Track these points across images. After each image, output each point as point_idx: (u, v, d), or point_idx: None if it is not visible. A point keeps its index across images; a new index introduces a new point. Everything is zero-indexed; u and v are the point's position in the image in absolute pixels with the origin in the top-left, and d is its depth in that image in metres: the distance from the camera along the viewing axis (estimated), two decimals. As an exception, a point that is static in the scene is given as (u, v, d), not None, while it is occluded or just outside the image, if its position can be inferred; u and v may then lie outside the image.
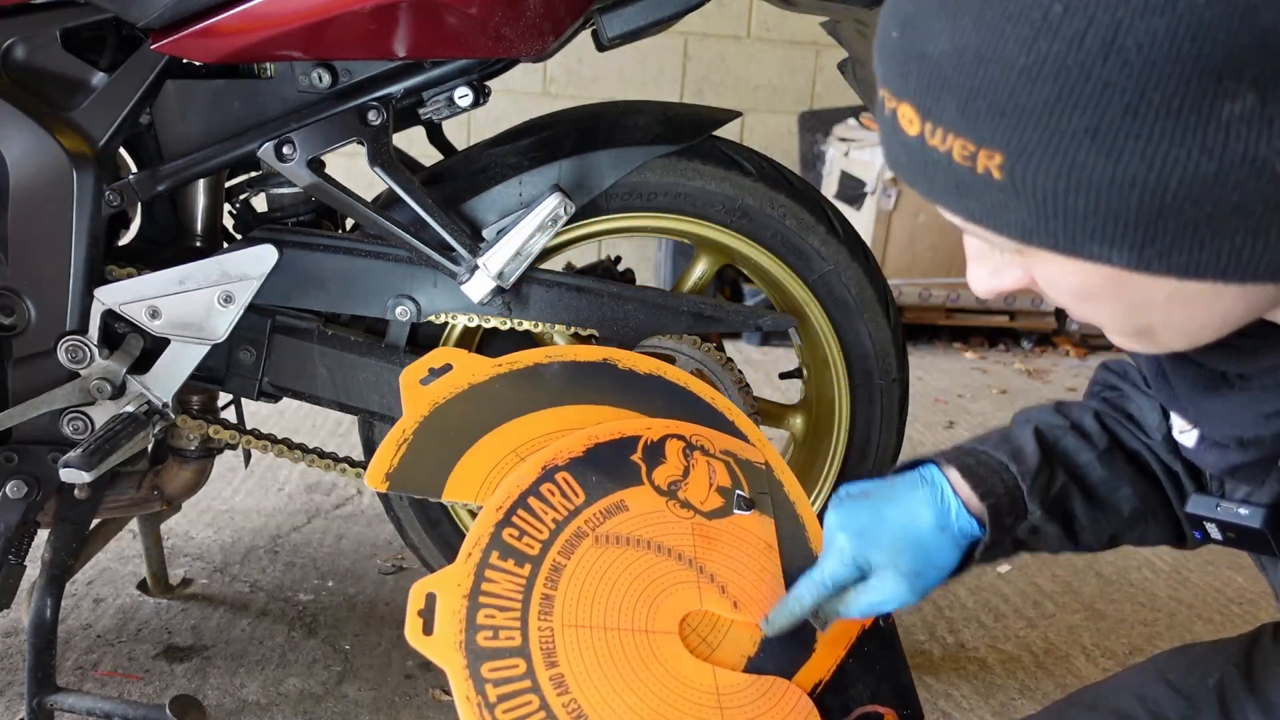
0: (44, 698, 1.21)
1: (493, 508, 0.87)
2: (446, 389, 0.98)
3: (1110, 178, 0.47)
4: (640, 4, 1.24)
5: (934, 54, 0.50)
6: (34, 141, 1.15)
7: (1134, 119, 0.45)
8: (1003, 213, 0.51)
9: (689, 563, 0.91)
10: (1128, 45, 0.44)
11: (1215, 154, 0.45)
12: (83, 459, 1.12)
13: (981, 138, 0.49)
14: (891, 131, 0.55)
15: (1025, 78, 0.46)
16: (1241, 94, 0.44)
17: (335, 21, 1.12)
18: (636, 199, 1.32)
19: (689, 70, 3.86)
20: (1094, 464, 0.89)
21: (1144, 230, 0.48)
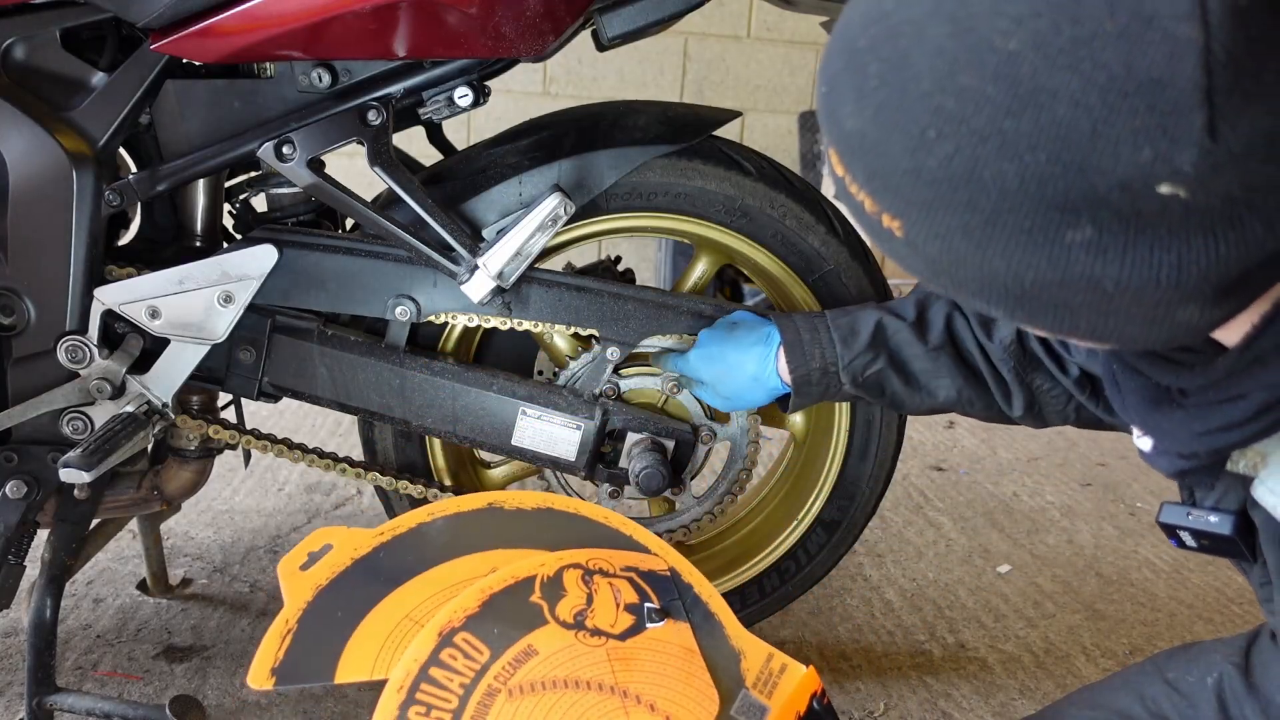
0: (44, 698, 1.21)
1: (394, 688, 0.84)
2: (329, 569, 0.95)
3: (979, 263, 0.55)
4: (640, 4, 1.24)
5: (845, 126, 0.57)
6: (34, 141, 1.15)
7: (993, 229, 0.53)
8: (908, 260, 0.60)
9: (611, 690, 0.90)
10: (985, 177, 0.51)
11: (1059, 267, 0.53)
12: (82, 459, 1.12)
13: (882, 205, 0.57)
14: (829, 164, 0.62)
15: (908, 177, 0.54)
16: (1081, 226, 0.51)
17: (335, 21, 1.11)
18: (636, 199, 1.32)
19: (689, 70, 3.86)
20: (920, 356, 1.08)
21: (1011, 304, 0.57)
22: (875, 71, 0.55)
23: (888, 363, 1.09)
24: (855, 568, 1.92)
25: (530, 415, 1.32)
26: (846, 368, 1.10)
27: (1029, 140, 0.49)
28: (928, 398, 1.10)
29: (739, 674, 0.96)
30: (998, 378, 1.06)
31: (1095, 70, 0.47)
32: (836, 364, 1.10)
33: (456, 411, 1.32)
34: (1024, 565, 1.97)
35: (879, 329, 1.10)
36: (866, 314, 1.12)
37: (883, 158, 0.55)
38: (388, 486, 1.38)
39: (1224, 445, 0.64)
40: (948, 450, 2.57)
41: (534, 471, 1.49)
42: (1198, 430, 0.65)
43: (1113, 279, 0.52)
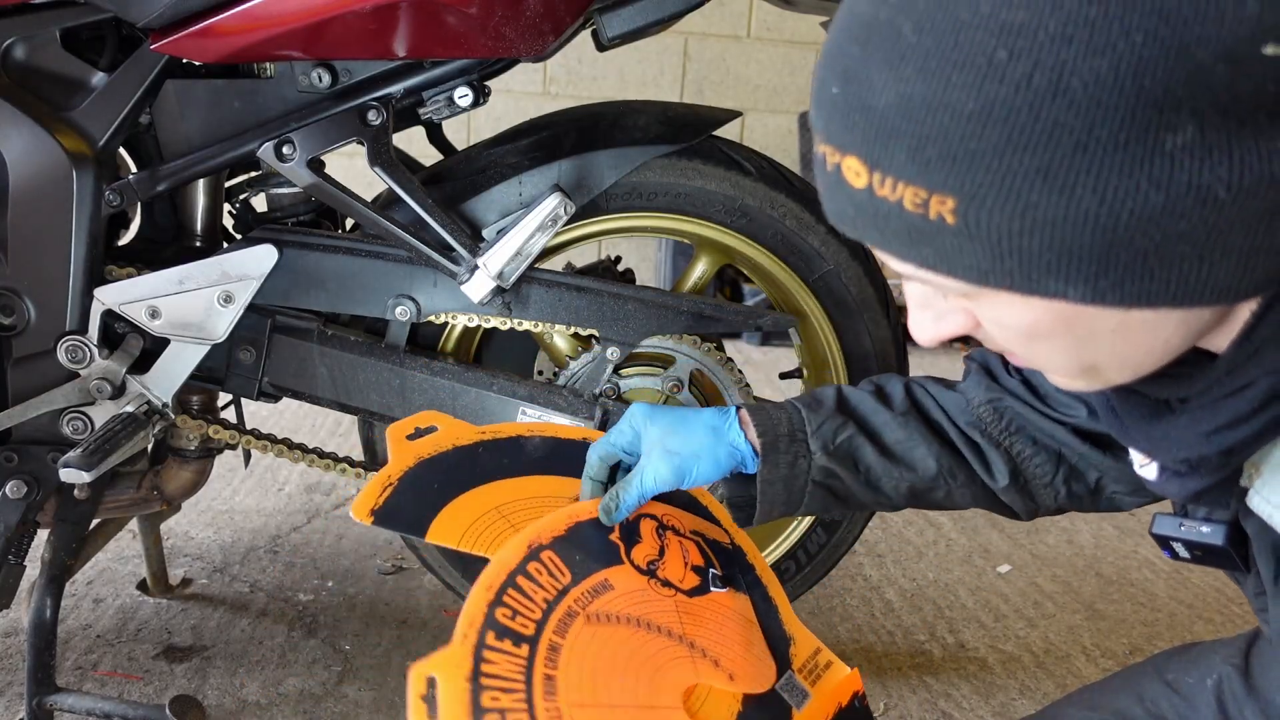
0: (44, 698, 1.21)
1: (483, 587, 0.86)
2: (432, 446, 0.98)
3: (1064, 215, 0.48)
4: (640, 4, 1.24)
5: (880, 105, 0.50)
6: (34, 141, 1.15)
7: (1084, 155, 0.47)
8: (957, 257, 0.52)
9: (679, 639, 0.91)
10: (1073, 85, 0.46)
11: (1162, 184, 0.47)
12: (82, 459, 1.12)
13: (933, 184, 0.50)
14: (835, 186, 0.55)
15: (974, 122, 0.48)
16: (1182, 126, 0.46)
17: (335, 21, 1.11)
18: (636, 199, 1.32)
19: (689, 70, 3.86)
20: (890, 424, 0.97)
21: (1098, 264, 0.50)
22: (911, 27, 0.49)
23: (858, 429, 0.97)
24: (855, 568, 1.92)
25: (530, 415, 1.32)
26: (816, 433, 0.96)
27: (1121, 23, 0.45)
28: (908, 472, 0.97)
29: (788, 657, 0.97)
30: (971, 445, 0.97)
31: None
32: (805, 430, 0.96)
33: (456, 411, 1.32)
34: (1024, 565, 1.97)
35: (841, 396, 1.00)
36: (823, 388, 1.02)
37: (938, 113, 0.48)
38: (388, 486, 1.38)
39: (1234, 442, 0.60)
40: (948, 450, 2.57)
41: (534, 471, 1.48)
42: (1205, 430, 0.60)
43: (1224, 182, 0.46)
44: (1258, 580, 0.72)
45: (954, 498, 0.99)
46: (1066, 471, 0.96)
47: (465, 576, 1.47)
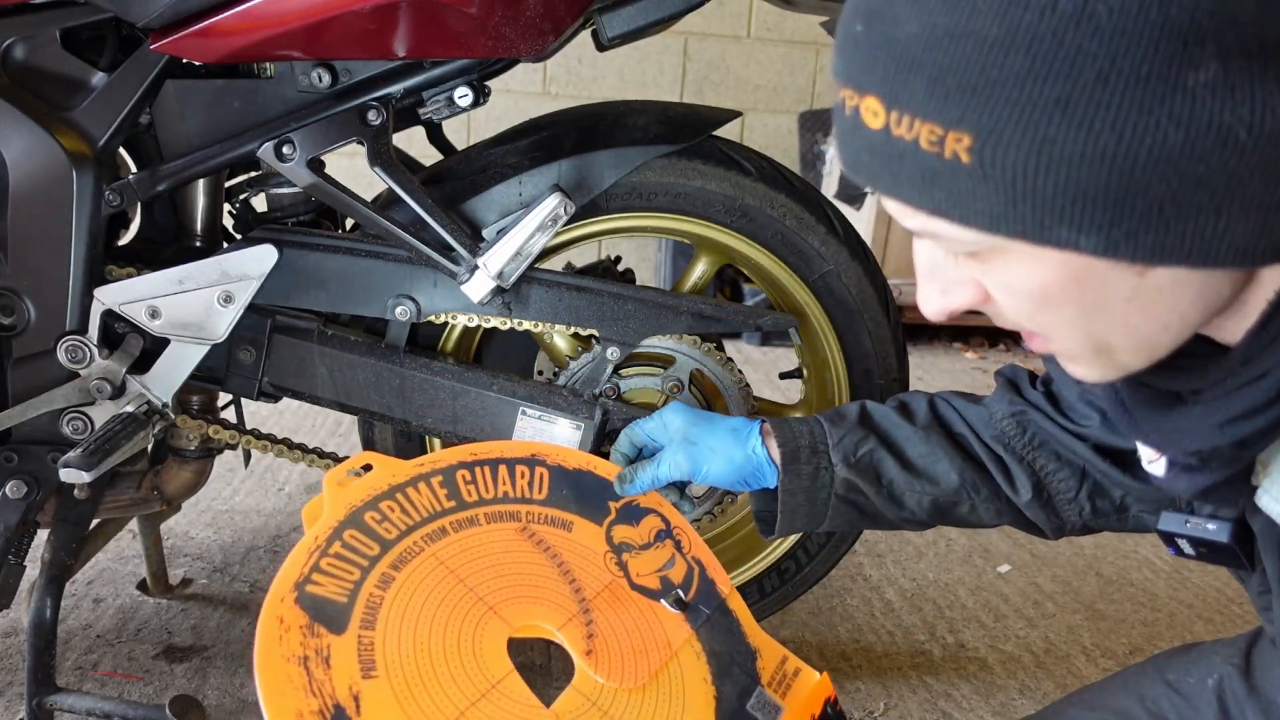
0: (44, 698, 1.21)
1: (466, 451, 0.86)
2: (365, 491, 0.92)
3: (1081, 152, 0.47)
4: (640, 4, 1.24)
5: (902, 38, 0.50)
6: (34, 141, 1.15)
7: (1104, 88, 0.46)
8: (969, 200, 0.51)
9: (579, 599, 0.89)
10: (1099, 11, 0.45)
11: (1183, 122, 0.46)
12: (82, 459, 1.12)
13: (949, 119, 0.49)
14: (853, 130, 0.55)
15: (998, 49, 0.47)
16: (1205, 62, 0.45)
17: (335, 21, 1.11)
18: (636, 199, 1.32)
19: (689, 70, 3.86)
20: (912, 438, 0.99)
21: (1112, 209, 0.48)
22: None
23: (879, 443, 0.99)
24: (855, 568, 1.92)
25: (530, 415, 1.32)
26: (837, 445, 0.98)
27: None
28: (930, 485, 0.98)
29: (755, 671, 0.95)
30: (995, 458, 0.98)
31: None
32: (826, 442, 0.99)
33: (456, 411, 1.32)
34: (1024, 565, 1.97)
35: (864, 411, 1.02)
36: (849, 404, 1.05)
37: (960, 41, 0.47)
38: (388, 486, 1.38)
39: (1248, 433, 0.58)
40: (948, 450, 2.57)
41: (534, 471, 1.49)
42: (1218, 421, 0.59)
43: (1245, 123, 0.46)
44: (1262, 578, 0.72)
45: (978, 513, 0.99)
46: (1090, 487, 0.95)
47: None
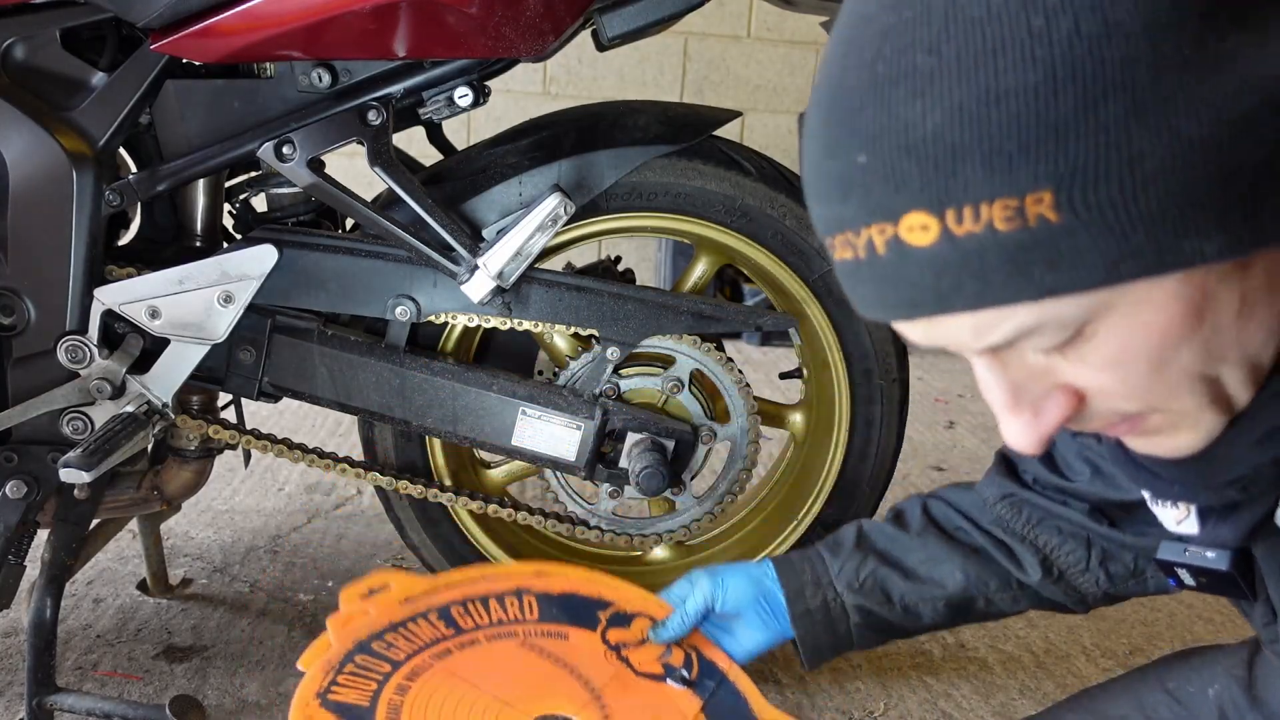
0: (44, 698, 1.21)
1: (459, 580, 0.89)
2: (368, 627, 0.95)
3: (1171, 153, 0.44)
4: (640, 4, 1.24)
5: (928, 134, 0.46)
6: (34, 141, 1.15)
7: (1163, 81, 0.44)
8: (1079, 259, 0.46)
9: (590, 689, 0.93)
10: (1120, 17, 0.44)
11: (1247, 81, 0.44)
12: (82, 459, 1.12)
13: (1021, 185, 0.45)
14: (895, 267, 0.49)
15: (1043, 94, 0.44)
16: (1228, 30, 0.44)
17: (335, 21, 1.12)
18: (636, 199, 1.32)
19: (689, 70, 3.86)
20: (910, 547, 1.01)
21: (1224, 196, 0.45)
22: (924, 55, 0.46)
23: (880, 562, 1.01)
24: (855, 568, 1.92)
25: (530, 415, 1.32)
26: (839, 575, 1.01)
27: None
28: (938, 589, 0.99)
29: None
30: (997, 543, 0.98)
31: None
32: (829, 574, 1.01)
33: (456, 411, 1.32)
34: (1024, 565, 1.97)
35: (860, 533, 1.04)
36: (848, 526, 1.07)
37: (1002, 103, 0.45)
38: (388, 486, 1.38)
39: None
40: (948, 451, 2.57)
41: (534, 471, 1.49)
42: (1253, 438, 0.56)
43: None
44: (1266, 608, 0.70)
45: (996, 605, 1.00)
46: (1100, 555, 0.94)
47: (465, 576, 1.47)
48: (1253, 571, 0.69)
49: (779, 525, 1.50)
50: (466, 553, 1.46)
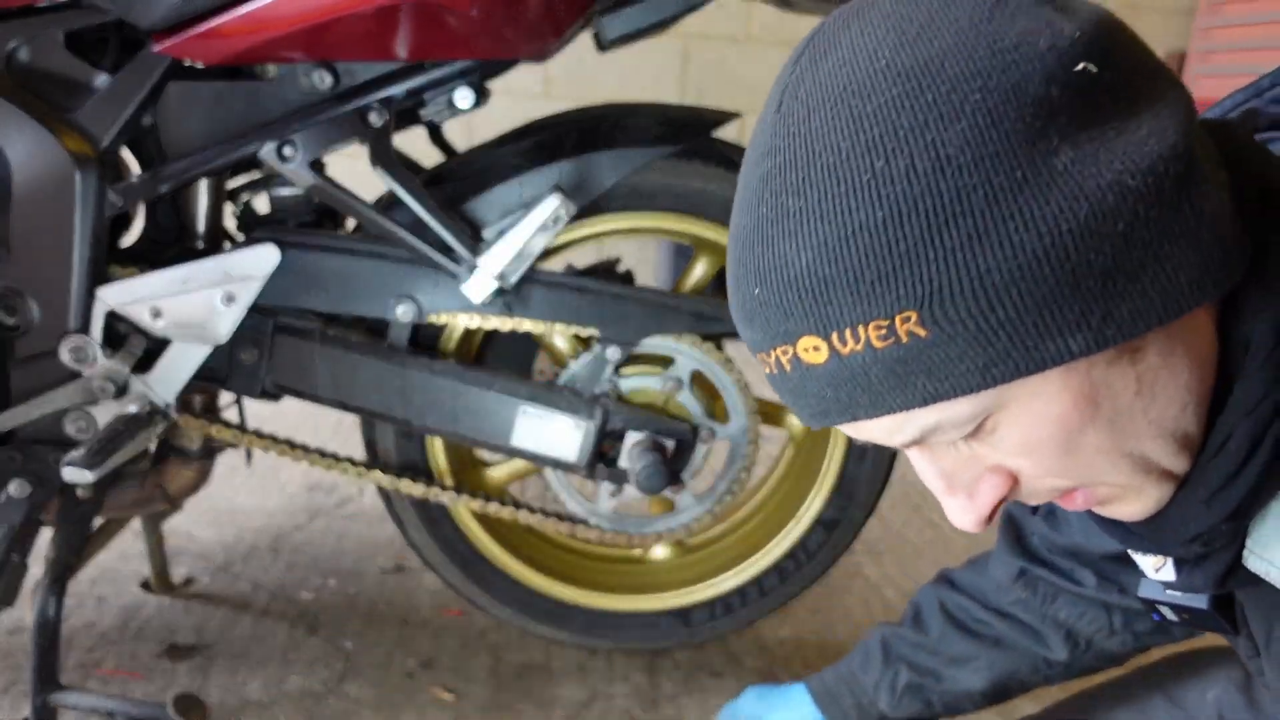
0: (48, 695, 1.22)
1: None
2: None
3: (1017, 266, 0.48)
4: (640, 5, 1.24)
5: (802, 269, 0.51)
6: (37, 142, 1.15)
7: (999, 204, 0.48)
8: (952, 367, 0.50)
9: None
10: (950, 154, 0.48)
11: (1078, 196, 0.48)
12: (86, 459, 1.13)
13: (888, 307, 0.50)
14: (801, 380, 0.54)
15: (891, 227, 0.49)
16: (1057, 147, 0.49)
17: (337, 23, 1.12)
18: (636, 199, 1.33)
19: (689, 71, 3.86)
20: (932, 652, 1.02)
21: (1076, 299, 0.49)
22: (793, 199, 0.52)
23: (911, 671, 1.03)
24: (854, 567, 1.93)
25: (531, 415, 1.33)
26: (876, 690, 1.04)
27: (957, 94, 0.49)
28: (969, 684, 1.01)
29: None
30: (1021, 627, 0.98)
31: (956, 24, 0.50)
32: (868, 695, 1.05)
33: (457, 411, 1.32)
34: (1023, 564, 1.98)
35: (884, 644, 1.05)
36: (871, 637, 1.07)
37: (856, 239, 0.50)
38: (389, 486, 1.39)
39: (1236, 503, 0.57)
40: (947, 450, 2.57)
41: (534, 471, 1.49)
42: (1202, 498, 0.58)
43: (1125, 171, 0.49)
44: (1250, 643, 0.70)
45: (1032, 685, 1.02)
46: (1121, 617, 0.94)
47: (466, 577, 1.47)
48: (1234, 607, 0.70)
49: (779, 524, 1.51)
50: (467, 552, 1.47)
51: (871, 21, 0.53)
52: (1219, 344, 0.56)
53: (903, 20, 0.51)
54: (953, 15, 0.51)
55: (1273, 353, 0.54)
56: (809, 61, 0.54)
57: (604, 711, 1.46)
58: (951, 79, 0.49)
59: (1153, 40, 4.15)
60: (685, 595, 1.51)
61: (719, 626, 1.52)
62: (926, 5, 0.52)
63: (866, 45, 0.52)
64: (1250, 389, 0.55)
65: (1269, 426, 0.55)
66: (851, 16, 0.54)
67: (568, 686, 1.51)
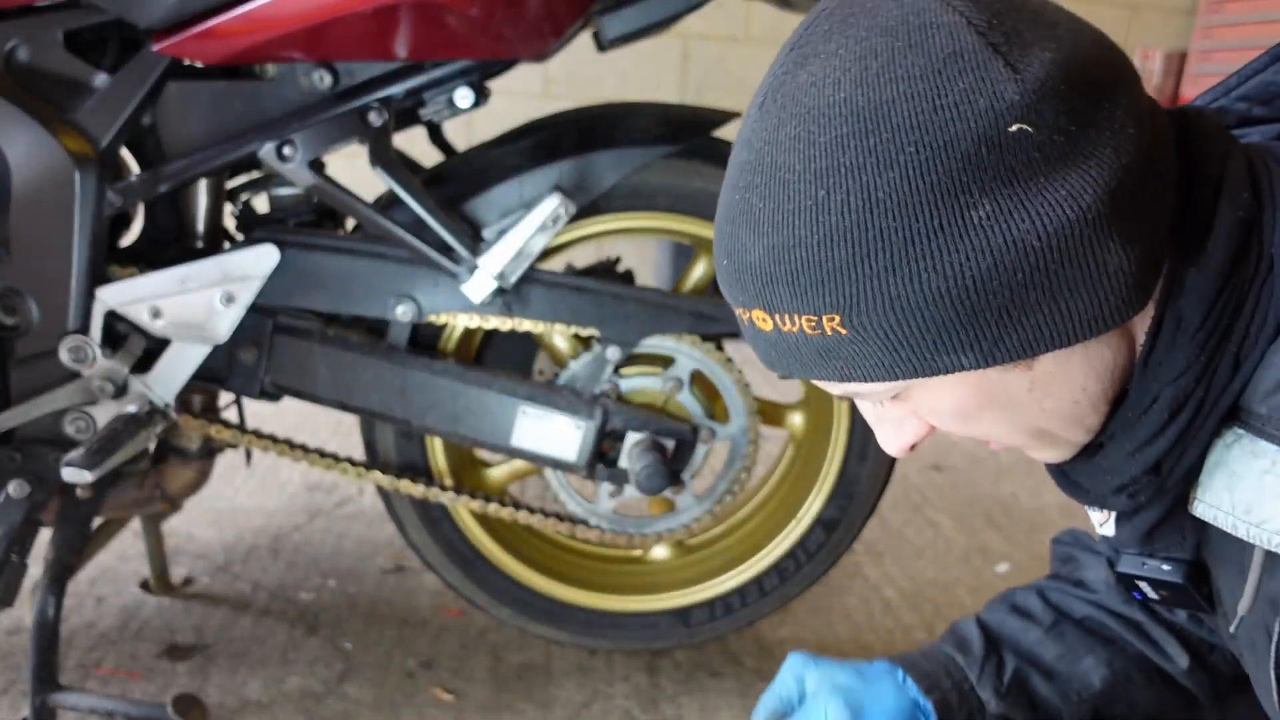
0: (47, 696, 1.22)
1: None
2: None
3: (922, 296, 0.57)
4: (640, 5, 1.24)
5: (754, 261, 0.61)
6: (37, 142, 1.15)
7: (914, 246, 0.56)
8: (863, 361, 0.61)
9: None
10: (880, 197, 0.56)
11: (984, 249, 0.56)
12: (85, 459, 1.13)
13: (817, 307, 0.59)
14: (754, 336, 0.65)
15: (823, 248, 0.58)
16: (977, 202, 0.56)
17: (337, 23, 1.12)
18: (636, 199, 1.33)
19: (689, 71, 3.86)
20: (1044, 641, 0.91)
21: (972, 329, 0.58)
22: (757, 197, 0.60)
23: (1018, 658, 0.90)
24: (854, 567, 1.93)
25: (531, 415, 1.32)
26: (980, 680, 0.89)
27: (894, 144, 0.56)
28: (1082, 689, 0.89)
29: None
30: (1131, 626, 0.89)
31: (909, 71, 0.56)
32: (968, 679, 0.89)
33: (457, 411, 1.32)
34: (1023, 565, 1.98)
35: (984, 629, 0.92)
36: (962, 622, 0.95)
37: (796, 250, 0.59)
38: (389, 486, 1.39)
39: (1156, 456, 0.65)
40: (947, 450, 2.57)
41: (534, 471, 1.49)
42: (1128, 450, 0.66)
43: (1032, 233, 0.56)
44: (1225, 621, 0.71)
45: (1136, 705, 0.90)
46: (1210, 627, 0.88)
47: (466, 577, 1.47)
48: (1208, 585, 0.73)
49: (779, 524, 1.51)
50: (467, 552, 1.46)
51: (847, 42, 0.59)
52: (1158, 311, 0.63)
53: (868, 54, 0.58)
54: (910, 61, 0.57)
55: (1198, 331, 0.62)
56: (794, 64, 0.61)
57: (604, 711, 1.46)
58: (893, 127, 0.56)
59: (1153, 40, 4.13)
60: (685, 595, 1.51)
61: (719, 626, 1.52)
62: (892, 42, 0.58)
63: (835, 70, 0.58)
64: (1175, 360, 0.63)
65: (1190, 394, 0.63)
66: (835, 27, 0.60)
67: (568, 686, 1.51)
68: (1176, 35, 3.90)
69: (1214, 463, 0.65)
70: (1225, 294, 0.62)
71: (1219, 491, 0.64)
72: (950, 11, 0.58)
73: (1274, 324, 0.62)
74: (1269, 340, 0.62)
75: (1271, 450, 0.60)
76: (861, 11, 0.60)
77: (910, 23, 0.58)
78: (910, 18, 0.58)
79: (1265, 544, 0.60)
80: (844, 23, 0.60)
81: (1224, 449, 0.64)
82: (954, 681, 0.89)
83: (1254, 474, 0.61)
